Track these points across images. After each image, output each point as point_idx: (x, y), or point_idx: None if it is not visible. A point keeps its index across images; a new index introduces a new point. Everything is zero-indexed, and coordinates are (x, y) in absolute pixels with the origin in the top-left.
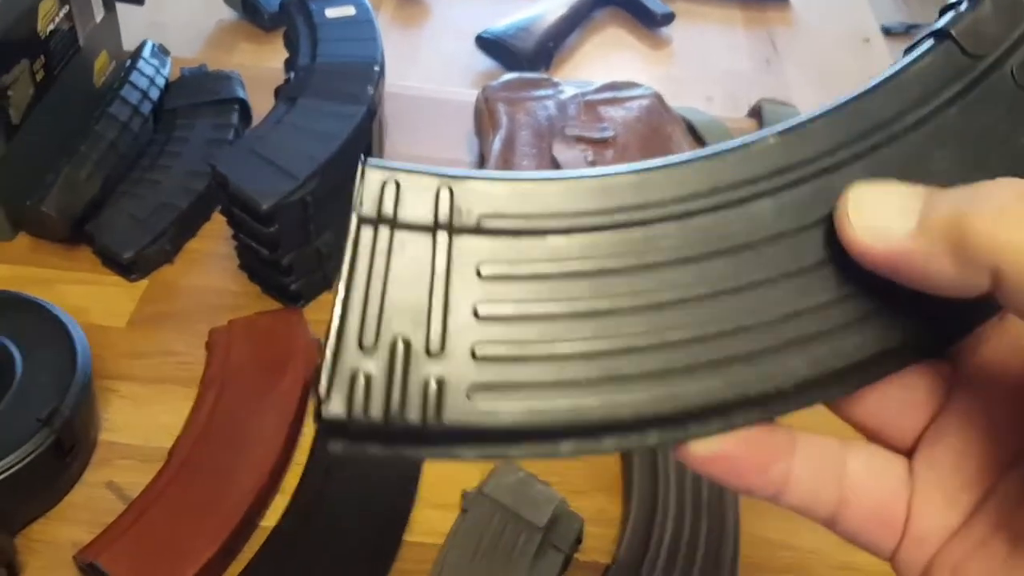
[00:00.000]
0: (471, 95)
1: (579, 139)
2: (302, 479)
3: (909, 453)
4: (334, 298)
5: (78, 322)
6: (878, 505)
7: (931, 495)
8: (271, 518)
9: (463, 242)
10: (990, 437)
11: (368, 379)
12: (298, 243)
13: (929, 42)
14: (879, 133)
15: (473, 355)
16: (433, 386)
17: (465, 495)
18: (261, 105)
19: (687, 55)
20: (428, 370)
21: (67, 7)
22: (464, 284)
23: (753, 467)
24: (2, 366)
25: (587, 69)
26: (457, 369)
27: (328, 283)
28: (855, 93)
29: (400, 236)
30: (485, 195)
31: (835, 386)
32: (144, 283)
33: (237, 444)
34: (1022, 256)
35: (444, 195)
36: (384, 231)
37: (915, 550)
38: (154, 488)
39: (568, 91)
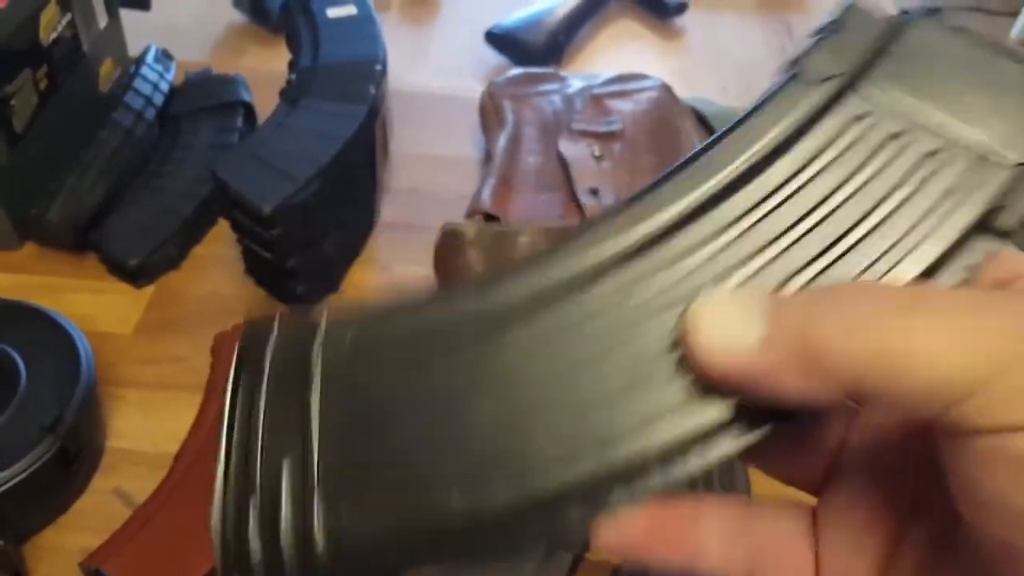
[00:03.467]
0: (479, 91)
1: (584, 134)
2: None
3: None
4: (214, 463)
5: (85, 330)
6: (787, 569)
7: (835, 537)
8: None
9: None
10: (888, 474)
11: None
12: (303, 246)
13: (786, 74)
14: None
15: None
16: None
17: None
18: (267, 108)
19: (701, 45)
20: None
21: (69, 15)
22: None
23: (659, 542)
24: (6, 374)
25: (599, 63)
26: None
27: (335, 286)
28: (717, 135)
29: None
30: (362, 329)
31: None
32: (151, 289)
33: None
34: (881, 363)
35: (316, 340)
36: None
37: None
38: (160, 494)
39: (575, 85)
